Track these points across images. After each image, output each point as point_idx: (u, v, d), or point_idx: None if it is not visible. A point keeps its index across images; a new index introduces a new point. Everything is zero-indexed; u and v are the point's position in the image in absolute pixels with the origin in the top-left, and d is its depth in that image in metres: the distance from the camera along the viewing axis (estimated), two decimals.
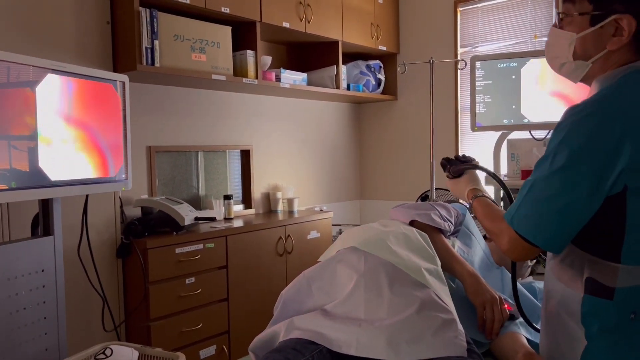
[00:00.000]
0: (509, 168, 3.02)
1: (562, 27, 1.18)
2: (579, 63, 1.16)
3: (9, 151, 1.75)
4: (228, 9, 2.91)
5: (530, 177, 1.10)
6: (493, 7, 3.82)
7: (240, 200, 3.54)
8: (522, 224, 1.09)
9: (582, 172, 1.01)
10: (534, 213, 1.07)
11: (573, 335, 1.11)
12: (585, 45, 1.14)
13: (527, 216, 1.08)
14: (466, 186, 1.51)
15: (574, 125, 1.04)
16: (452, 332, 1.25)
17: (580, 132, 1.02)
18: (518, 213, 1.10)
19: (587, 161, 1.01)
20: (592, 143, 1.01)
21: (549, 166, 1.05)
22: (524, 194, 1.10)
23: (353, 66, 3.98)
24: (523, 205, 1.09)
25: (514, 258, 1.19)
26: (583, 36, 1.14)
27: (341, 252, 1.52)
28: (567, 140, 1.03)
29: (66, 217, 2.34)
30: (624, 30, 1.08)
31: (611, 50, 1.11)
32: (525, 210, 1.09)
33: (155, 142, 2.98)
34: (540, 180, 1.07)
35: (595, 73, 1.16)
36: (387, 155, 4.38)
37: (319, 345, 1.25)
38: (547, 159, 1.07)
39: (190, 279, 2.67)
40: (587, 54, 1.15)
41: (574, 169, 1.02)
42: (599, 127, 1.01)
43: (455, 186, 1.58)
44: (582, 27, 1.14)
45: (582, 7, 1.13)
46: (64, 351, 2.06)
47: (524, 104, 2.80)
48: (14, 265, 1.89)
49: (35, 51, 2.37)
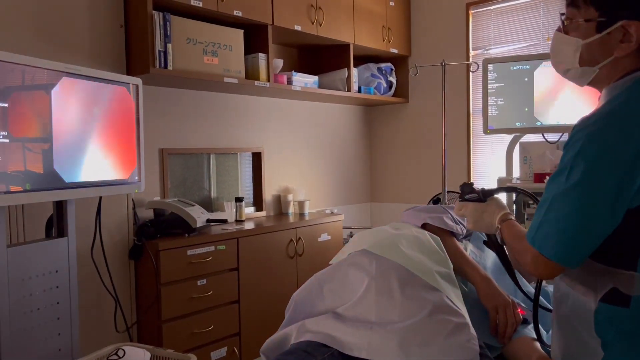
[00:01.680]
0: (522, 171, 3.00)
1: (566, 32, 1.15)
2: (586, 69, 1.13)
3: (24, 153, 1.77)
4: (240, 13, 2.92)
5: (546, 194, 1.07)
6: (505, 10, 3.80)
7: (251, 202, 3.55)
8: (543, 244, 1.06)
9: (601, 187, 0.99)
10: (554, 232, 1.04)
11: (587, 345, 1.09)
12: (592, 51, 1.12)
13: (548, 235, 1.05)
14: (499, 210, 1.37)
15: (589, 138, 1.01)
16: (464, 336, 1.24)
17: (596, 145, 0.99)
18: (539, 233, 1.07)
19: (605, 175, 0.98)
20: (610, 156, 0.98)
21: (565, 181, 1.02)
22: (542, 212, 1.07)
23: (364, 69, 3.97)
24: (543, 224, 1.06)
25: (539, 276, 1.17)
26: (589, 42, 1.11)
27: (353, 255, 1.52)
28: (583, 153, 1.00)
29: (80, 218, 2.36)
30: (632, 36, 1.06)
31: (619, 57, 1.09)
32: (545, 230, 1.06)
33: (167, 144, 3.00)
34: (557, 197, 1.04)
35: (602, 78, 1.13)
36: (399, 158, 4.36)
37: (330, 348, 1.25)
38: (562, 174, 1.04)
39: (201, 281, 2.68)
40: (593, 60, 1.12)
41: (593, 184, 0.99)
42: (616, 139, 0.99)
43: (483, 208, 1.41)
44: (588, 34, 1.11)
45: (588, 13, 1.10)
46: (77, 351, 2.08)
47: (537, 106, 2.79)
48: (29, 266, 1.91)
49: (50, 54, 2.40)
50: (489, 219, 1.38)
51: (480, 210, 1.41)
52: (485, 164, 3.93)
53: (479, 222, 1.41)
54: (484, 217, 1.40)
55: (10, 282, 1.83)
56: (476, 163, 3.98)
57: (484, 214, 1.40)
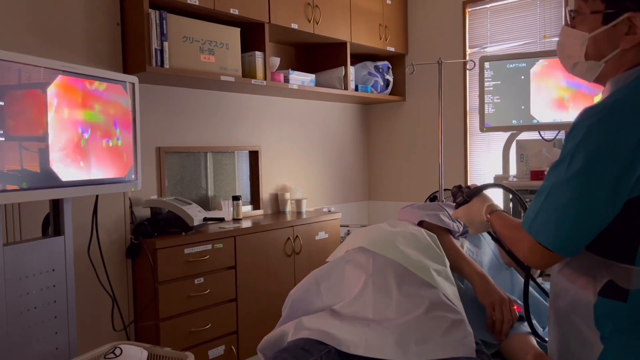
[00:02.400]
0: (518, 169, 3.00)
1: (574, 25, 1.16)
2: (592, 63, 1.14)
3: (20, 152, 1.77)
4: (237, 11, 2.92)
5: (546, 182, 1.07)
6: (502, 8, 3.80)
7: (248, 201, 3.55)
8: (541, 231, 1.06)
9: (601, 176, 0.99)
10: (552, 220, 1.04)
11: (586, 339, 1.09)
12: (598, 44, 1.12)
13: (545, 223, 1.05)
14: (483, 204, 1.40)
15: (592, 128, 1.01)
16: (461, 333, 1.25)
17: (598, 135, 1.00)
18: (536, 221, 1.07)
19: (606, 164, 0.99)
20: (611, 146, 0.99)
21: (565, 170, 1.03)
22: (541, 200, 1.07)
23: (361, 67, 3.98)
24: (541, 212, 1.06)
25: (534, 265, 1.16)
26: (595, 35, 1.12)
27: (350, 253, 1.52)
28: (585, 143, 1.01)
29: (76, 217, 2.36)
30: (638, 28, 1.06)
31: (625, 49, 1.09)
32: (543, 217, 1.06)
33: (164, 143, 2.99)
34: (557, 186, 1.04)
35: (608, 72, 1.13)
36: (396, 156, 4.37)
37: (327, 345, 1.26)
38: (563, 163, 1.04)
39: (199, 279, 2.68)
40: (599, 54, 1.13)
41: (593, 173, 1.00)
42: (617, 129, 0.99)
43: (469, 209, 1.44)
44: (594, 26, 1.12)
45: (594, 6, 1.11)
46: (74, 350, 2.08)
47: (533, 104, 2.79)
48: (25, 264, 1.90)
49: (46, 53, 2.39)
50: (478, 217, 1.39)
51: (467, 212, 1.42)
52: (482, 161, 3.94)
53: (473, 224, 1.42)
54: (474, 218, 1.40)
55: (7, 281, 1.83)
56: (473, 161, 3.99)
57: (473, 215, 1.40)
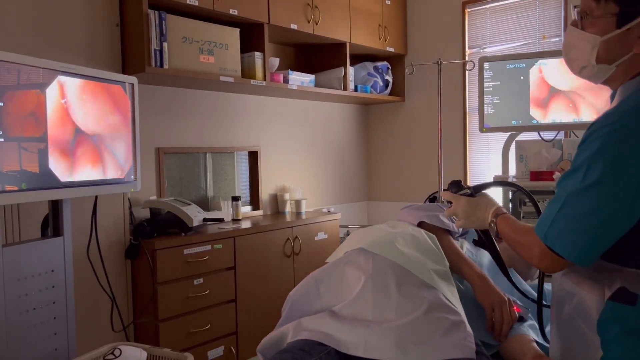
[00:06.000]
0: (518, 169, 3.00)
1: (583, 27, 1.12)
2: (602, 67, 1.11)
3: (19, 153, 1.77)
4: (236, 11, 2.92)
5: (561, 191, 1.05)
6: (501, 8, 3.80)
7: (248, 201, 3.55)
8: (557, 240, 1.04)
9: (620, 186, 0.97)
10: (570, 230, 1.02)
11: (589, 342, 1.08)
12: (610, 48, 1.08)
13: (562, 233, 1.03)
14: (490, 203, 1.36)
15: (609, 137, 0.99)
16: (460, 334, 1.25)
17: (616, 144, 0.98)
18: (552, 230, 1.05)
19: (624, 175, 0.97)
20: (630, 155, 0.97)
21: (582, 179, 1.01)
22: (556, 209, 1.04)
23: (360, 67, 3.98)
24: (557, 221, 1.04)
25: (545, 270, 1.16)
26: (608, 39, 1.08)
27: (349, 254, 1.52)
28: (602, 152, 0.99)
29: (76, 218, 2.36)
30: None
31: (637, 53, 1.06)
32: (560, 227, 1.04)
33: (163, 143, 2.99)
34: (574, 195, 1.02)
35: (618, 76, 1.11)
36: (395, 157, 4.37)
37: (327, 346, 1.25)
38: (578, 171, 1.02)
39: (198, 280, 2.68)
40: (611, 57, 1.09)
41: (611, 183, 0.98)
42: (636, 139, 0.97)
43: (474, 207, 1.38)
44: (607, 29, 1.08)
45: (608, 8, 1.06)
46: (73, 351, 2.07)
47: (533, 105, 2.79)
48: (24, 265, 1.90)
49: (45, 53, 2.39)
50: (482, 213, 1.35)
51: (473, 205, 1.38)
52: (482, 162, 3.94)
53: (471, 218, 1.38)
54: (477, 212, 1.37)
55: (6, 282, 1.83)
56: (472, 161, 3.99)
57: (477, 209, 1.37)
